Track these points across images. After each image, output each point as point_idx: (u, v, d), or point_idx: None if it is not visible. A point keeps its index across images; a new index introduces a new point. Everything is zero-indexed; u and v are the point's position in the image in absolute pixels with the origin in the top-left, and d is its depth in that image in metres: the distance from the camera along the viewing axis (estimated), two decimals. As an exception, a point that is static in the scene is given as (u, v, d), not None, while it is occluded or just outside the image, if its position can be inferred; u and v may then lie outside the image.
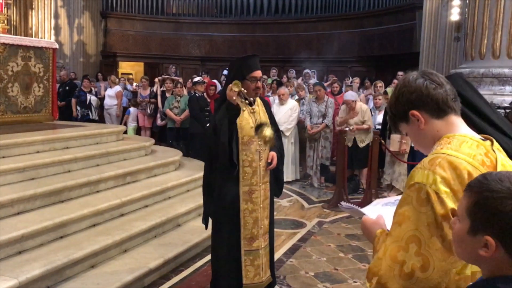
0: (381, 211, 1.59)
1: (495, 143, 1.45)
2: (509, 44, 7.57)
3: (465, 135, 1.42)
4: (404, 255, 1.29)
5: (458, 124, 1.46)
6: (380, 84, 7.70)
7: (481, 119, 1.83)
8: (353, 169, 7.46)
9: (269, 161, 3.48)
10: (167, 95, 9.21)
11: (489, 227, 1.03)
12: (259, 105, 3.53)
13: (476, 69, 7.91)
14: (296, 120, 7.94)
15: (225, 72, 12.08)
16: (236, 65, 3.45)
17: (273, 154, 3.50)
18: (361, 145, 7.19)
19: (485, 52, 8.14)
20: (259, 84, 3.39)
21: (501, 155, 1.43)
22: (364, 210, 1.63)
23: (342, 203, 1.79)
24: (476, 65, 8.01)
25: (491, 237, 1.02)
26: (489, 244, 1.02)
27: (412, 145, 1.56)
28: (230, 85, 3.19)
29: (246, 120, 3.40)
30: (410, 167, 6.38)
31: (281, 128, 7.57)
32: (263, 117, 3.48)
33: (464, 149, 1.36)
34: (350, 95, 7.42)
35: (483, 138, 1.45)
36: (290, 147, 7.91)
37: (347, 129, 7.05)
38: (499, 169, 1.36)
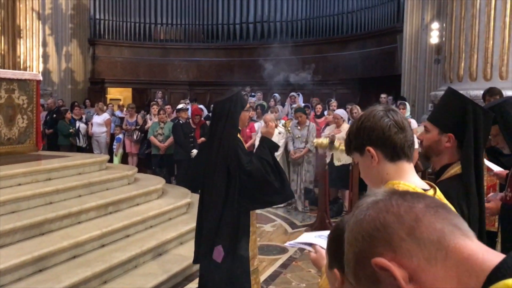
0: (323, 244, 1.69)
1: (438, 191, 1.51)
2: (485, 67, 7.79)
3: (409, 185, 1.46)
4: None
5: (408, 171, 1.51)
6: (355, 110, 7.83)
7: None
8: (333, 187, 7.53)
9: None
10: (154, 119, 9.29)
11: (336, 261, 1.15)
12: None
13: (454, 92, 8.11)
14: (284, 146, 8.05)
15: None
16: (234, 100, 3.59)
17: None
18: (337, 163, 7.31)
19: (462, 74, 8.36)
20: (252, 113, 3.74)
21: None
22: (307, 245, 1.72)
23: (288, 243, 1.86)
24: (455, 87, 8.15)
25: (338, 270, 1.12)
26: (336, 277, 1.12)
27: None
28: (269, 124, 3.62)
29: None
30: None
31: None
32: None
33: None
34: (341, 112, 7.70)
35: (427, 188, 1.50)
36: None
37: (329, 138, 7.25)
38: None
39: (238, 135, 3.59)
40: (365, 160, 1.53)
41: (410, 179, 1.50)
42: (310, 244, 1.75)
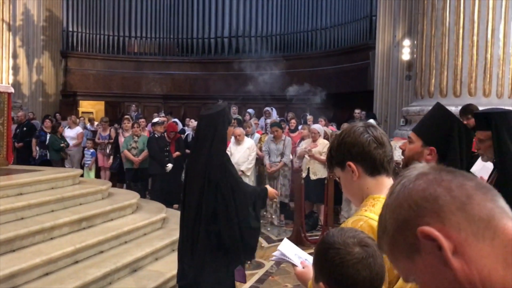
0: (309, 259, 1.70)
1: None
2: (455, 84, 8.01)
3: None
4: None
5: (387, 186, 1.51)
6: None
7: None
8: (309, 201, 7.58)
9: None
10: (126, 134, 9.16)
11: (321, 275, 1.21)
12: None
13: (426, 107, 8.29)
14: (255, 160, 8.07)
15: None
16: (222, 115, 3.55)
17: None
18: (313, 177, 7.37)
19: (433, 91, 8.57)
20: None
21: None
22: (295, 259, 1.72)
23: (274, 253, 1.87)
24: (426, 103, 8.40)
25: (323, 283, 1.20)
26: None
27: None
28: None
29: None
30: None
31: (242, 168, 7.71)
32: None
33: None
34: (317, 126, 7.84)
35: None
36: (250, 186, 8.00)
37: (306, 151, 7.30)
38: None
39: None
40: (346, 174, 1.57)
41: None
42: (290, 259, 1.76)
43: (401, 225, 0.78)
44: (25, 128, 10.72)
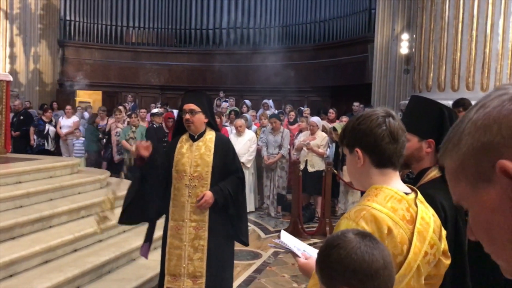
0: (311, 251, 1.72)
1: (419, 195, 1.55)
2: (453, 78, 8.03)
3: (391, 189, 1.49)
4: None
5: (392, 178, 1.53)
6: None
7: None
8: (306, 193, 7.62)
9: (198, 198, 3.38)
10: (120, 126, 9.13)
11: (336, 281, 1.17)
12: (207, 143, 3.48)
13: (423, 101, 8.33)
14: (255, 151, 8.09)
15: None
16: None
17: (207, 193, 3.39)
18: (310, 169, 7.41)
19: (431, 85, 8.60)
20: (187, 116, 3.39)
21: (422, 207, 1.52)
22: (296, 249, 1.74)
23: (277, 240, 1.87)
24: (424, 96, 8.44)
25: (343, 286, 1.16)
26: None
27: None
28: None
29: (182, 155, 3.47)
30: (362, 197, 6.61)
31: (242, 159, 7.73)
32: (205, 156, 3.44)
33: (388, 203, 1.45)
34: (316, 119, 7.84)
35: (408, 191, 1.54)
36: (250, 178, 8.04)
37: (304, 144, 7.33)
38: (418, 222, 1.46)
39: (184, 140, 3.62)
40: (352, 158, 1.56)
41: (393, 184, 1.53)
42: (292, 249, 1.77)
43: (480, 147, 0.65)
44: (22, 117, 10.68)
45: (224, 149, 3.51)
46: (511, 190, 0.63)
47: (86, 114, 12.21)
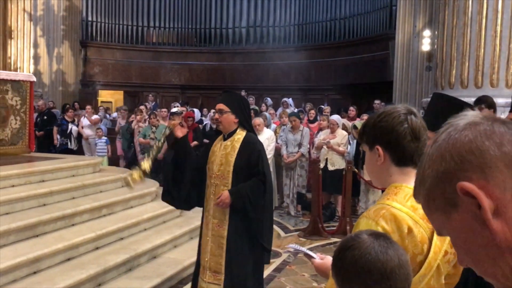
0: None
1: None
2: (476, 75, 7.89)
3: (412, 187, 1.48)
4: None
5: (412, 176, 1.47)
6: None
7: None
8: (326, 192, 7.57)
9: (217, 197, 3.40)
10: (142, 125, 9.23)
11: (352, 284, 1.15)
12: (234, 143, 3.48)
13: (446, 99, 8.20)
14: (274, 150, 8.07)
15: None
16: None
17: (224, 192, 3.39)
18: (331, 168, 7.36)
19: (454, 82, 8.46)
20: (216, 115, 3.53)
21: None
22: (309, 251, 1.72)
23: (291, 245, 1.85)
24: (446, 93, 8.30)
25: None
26: None
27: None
28: None
29: (213, 153, 3.53)
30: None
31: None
32: (229, 156, 3.45)
33: (408, 202, 1.41)
34: (336, 117, 7.83)
35: None
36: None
37: (324, 142, 7.29)
38: None
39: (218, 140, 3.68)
40: (372, 155, 1.53)
41: (413, 183, 1.51)
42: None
43: (441, 177, 0.72)
44: (45, 117, 10.88)
45: (249, 150, 3.47)
46: (475, 207, 0.68)
47: (108, 115, 12.40)
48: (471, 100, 7.96)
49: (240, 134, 3.49)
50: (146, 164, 3.30)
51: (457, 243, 0.74)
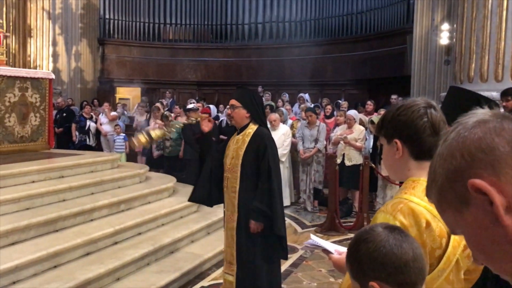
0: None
1: None
2: (496, 68, 7.76)
3: None
4: None
5: None
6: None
7: None
8: (343, 187, 7.53)
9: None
10: (159, 122, 9.27)
11: (367, 275, 1.14)
12: (245, 137, 3.56)
13: (465, 93, 8.08)
14: (290, 146, 8.05)
15: None
16: None
17: (250, 225, 3.48)
18: (348, 163, 7.32)
19: (473, 75, 8.33)
20: (228, 110, 3.68)
21: None
22: (328, 247, 1.71)
23: (309, 241, 1.85)
24: (466, 87, 8.19)
25: (373, 282, 1.13)
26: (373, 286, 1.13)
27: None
28: None
29: (228, 147, 3.66)
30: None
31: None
32: (239, 150, 3.53)
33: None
34: (353, 112, 7.83)
35: None
36: (285, 172, 8.02)
37: (341, 138, 7.27)
38: None
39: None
40: (390, 149, 1.52)
41: None
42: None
43: (451, 175, 0.72)
44: (64, 114, 11.02)
45: (257, 143, 3.53)
46: (487, 204, 0.68)
47: (126, 112, 12.50)
48: (491, 94, 7.84)
49: (251, 129, 3.58)
50: (156, 132, 3.48)
51: (470, 241, 0.74)
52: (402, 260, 1.12)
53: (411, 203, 1.39)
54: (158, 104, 10.61)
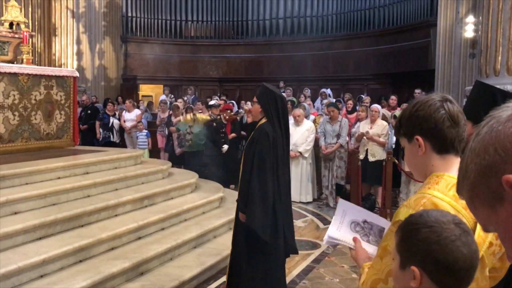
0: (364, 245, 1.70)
1: None
2: (524, 61, 7.59)
3: (453, 176, 1.42)
4: (383, 287, 1.37)
5: (453, 164, 1.46)
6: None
7: None
8: (366, 183, 7.47)
9: None
10: (179, 118, 9.38)
11: (413, 258, 1.11)
12: (254, 131, 3.80)
13: (491, 87, 7.92)
14: (313, 141, 8.03)
15: None
16: None
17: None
18: (371, 159, 7.25)
19: (499, 69, 8.17)
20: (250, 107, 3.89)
21: None
22: (347, 240, 1.72)
23: (326, 238, 1.84)
24: (491, 82, 8.01)
25: (416, 267, 1.09)
26: (415, 274, 1.09)
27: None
28: None
29: None
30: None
31: (299, 149, 7.74)
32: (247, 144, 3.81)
33: (450, 192, 1.38)
34: (376, 106, 7.81)
35: None
36: (308, 168, 8.01)
37: (364, 133, 7.23)
38: None
39: None
40: (412, 147, 1.50)
41: (455, 172, 1.47)
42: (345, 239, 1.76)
43: (485, 170, 0.70)
44: (89, 111, 11.19)
45: (253, 138, 3.73)
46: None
47: (148, 109, 12.63)
48: (518, 87, 7.65)
49: (259, 124, 3.73)
50: (202, 116, 3.72)
51: (505, 238, 0.72)
52: (456, 267, 1.08)
53: (434, 198, 1.37)
54: (177, 103, 10.70)
